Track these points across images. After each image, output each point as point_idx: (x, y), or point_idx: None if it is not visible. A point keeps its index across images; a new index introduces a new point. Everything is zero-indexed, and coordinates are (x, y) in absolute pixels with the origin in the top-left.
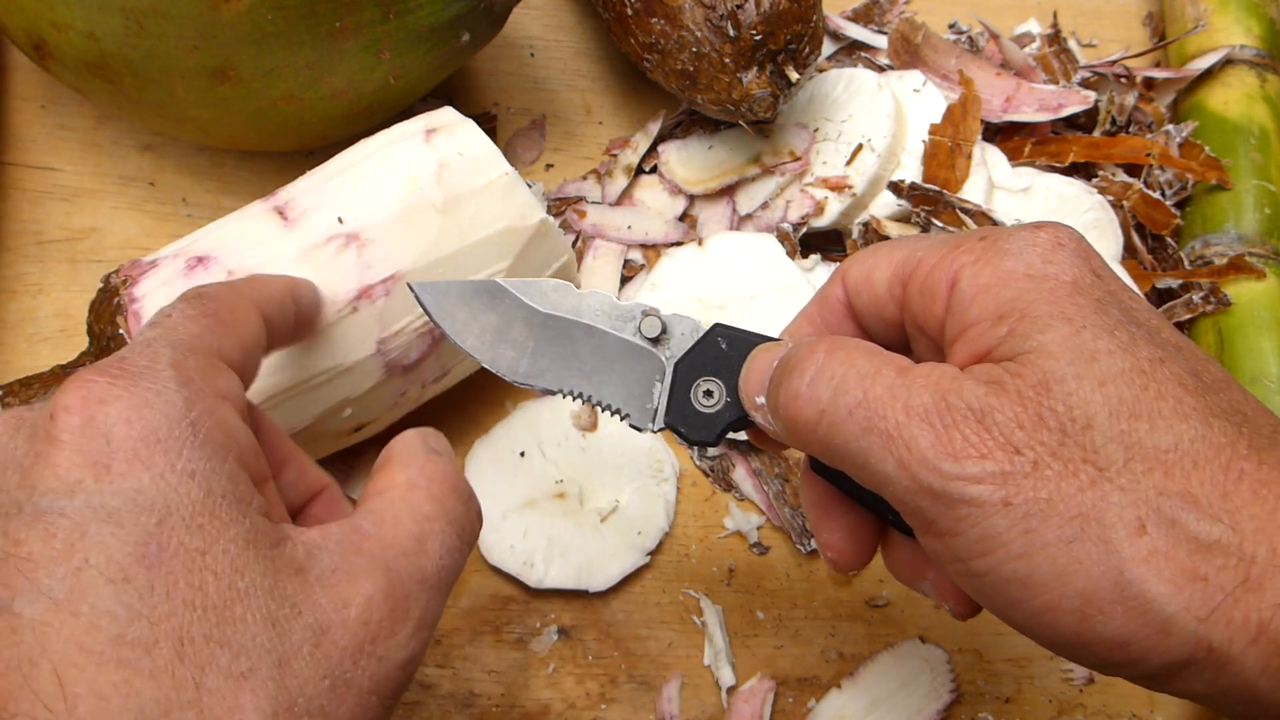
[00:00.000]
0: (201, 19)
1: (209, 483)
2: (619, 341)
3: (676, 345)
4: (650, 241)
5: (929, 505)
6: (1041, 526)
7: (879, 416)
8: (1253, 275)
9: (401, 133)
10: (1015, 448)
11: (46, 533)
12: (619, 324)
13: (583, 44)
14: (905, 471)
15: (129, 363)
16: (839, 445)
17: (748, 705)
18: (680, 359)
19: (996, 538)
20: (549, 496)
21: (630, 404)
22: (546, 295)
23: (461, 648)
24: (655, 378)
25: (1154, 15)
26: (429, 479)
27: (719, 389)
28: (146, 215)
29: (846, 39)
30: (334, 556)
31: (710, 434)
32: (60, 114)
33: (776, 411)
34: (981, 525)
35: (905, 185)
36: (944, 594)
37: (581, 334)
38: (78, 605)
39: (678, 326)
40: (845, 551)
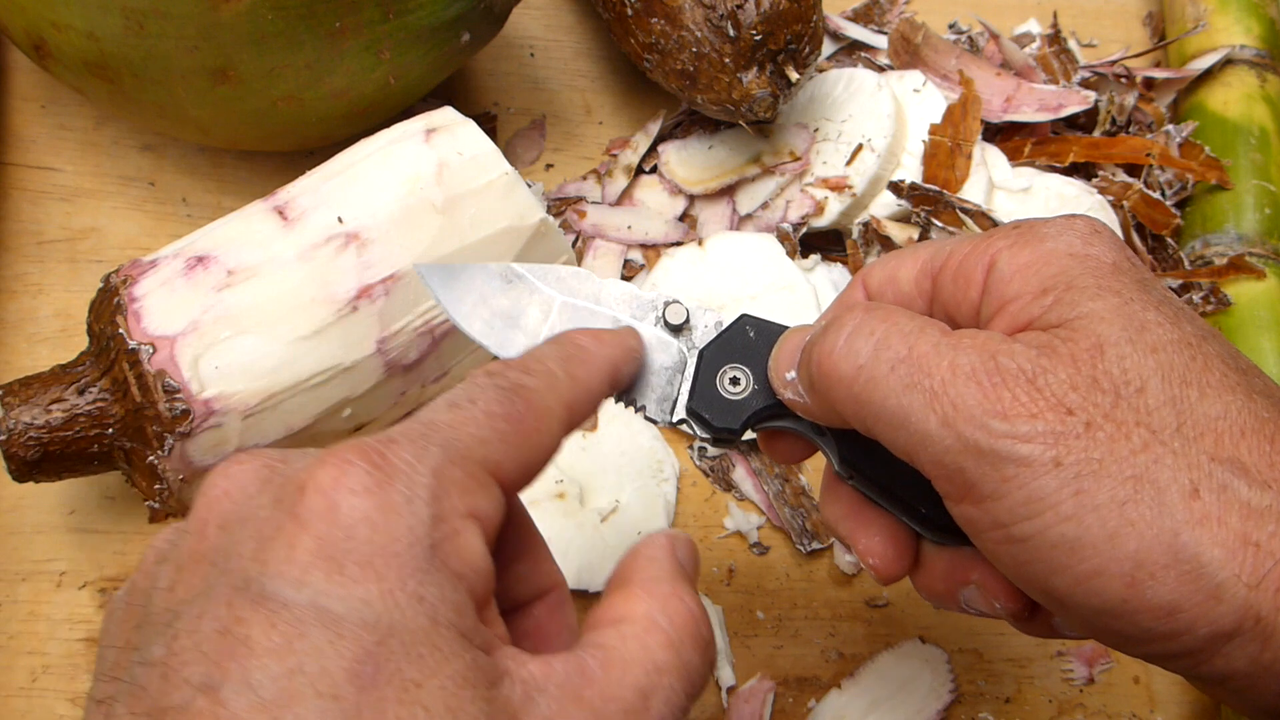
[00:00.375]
0: (201, 19)
1: (436, 610)
2: (639, 330)
3: (699, 336)
4: (650, 241)
5: (973, 466)
6: (1093, 487)
7: (923, 373)
8: (1253, 275)
9: (401, 133)
10: (1067, 408)
11: (268, 621)
12: (639, 313)
13: (583, 44)
14: (949, 429)
15: (393, 454)
16: (877, 403)
17: (748, 705)
18: (707, 346)
19: (1045, 499)
20: (549, 496)
21: (646, 395)
22: (564, 281)
23: None
24: (677, 369)
25: (1154, 15)
26: (670, 618)
27: (746, 376)
28: (146, 215)
29: (846, 39)
30: (552, 703)
31: (735, 420)
32: (60, 114)
33: (810, 374)
34: (1029, 486)
35: (905, 185)
36: (995, 592)
37: (600, 322)
38: (282, 713)
39: (700, 318)
40: (887, 556)
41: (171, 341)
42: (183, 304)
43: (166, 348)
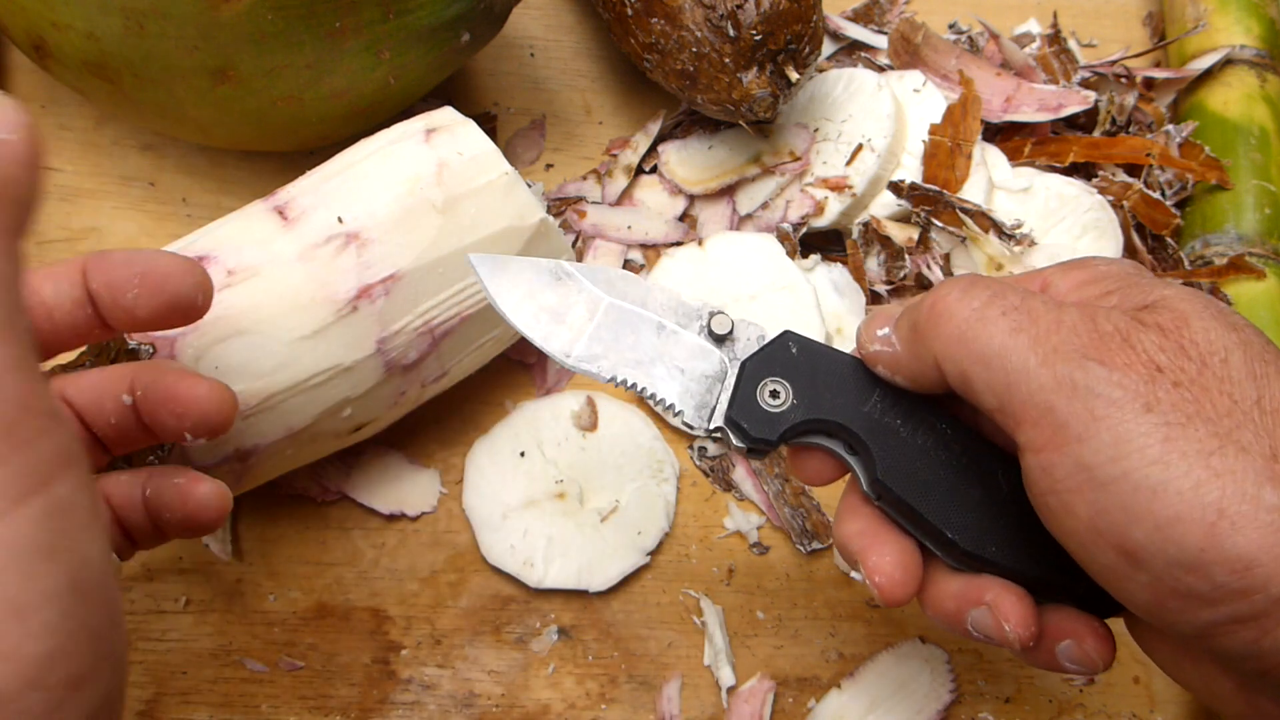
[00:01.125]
0: (201, 19)
1: None
2: (683, 336)
3: (741, 348)
4: (650, 241)
5: (1065, 404)
6: (1180, 436)
7: (1032, 320)
8: (1253, 275)
9: (401, 133)
10: (1158, 366)
11: None
12: (684, 321)
13: (583, 44)
14: (1048, 368)
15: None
16: (983, 340)
17: (748, 705)
18: (749, 358)
19: (1134, 440)
20: (549, 496)
21: (685, 400)
22: (613, 283)
23: (461, 648)
24: (718, 377)
25: (1154, 15)
26: None
27: (786, 390)
28: (146, 215)
29: (846, 39)
30: None
31: (773, 432)
32: (60, 114)
33: (917, 319)
34: (1119, 427)
35: (905, 185)
36: (1007, 613)
37: (644, 325)
38: None
39: (743, 330)
40: (895, 577)
41: (171, 341)
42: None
43: (166, 347)
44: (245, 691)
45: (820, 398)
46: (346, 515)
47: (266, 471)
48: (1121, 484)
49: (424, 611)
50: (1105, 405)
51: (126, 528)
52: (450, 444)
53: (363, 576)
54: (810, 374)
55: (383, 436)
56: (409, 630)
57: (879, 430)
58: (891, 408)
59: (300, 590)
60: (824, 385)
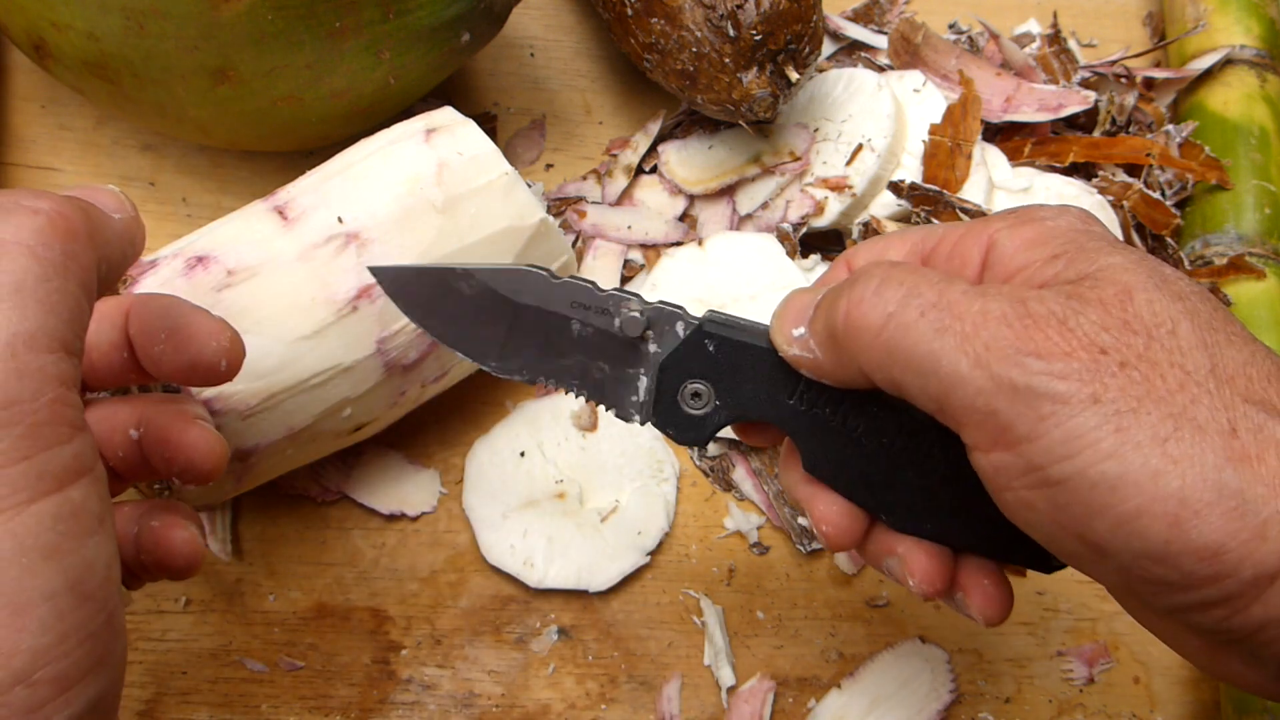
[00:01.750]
0: (201, 19)
1: None
2: (600, 334)
3: (662, 340)
4: (650, 241)
5: (1006, 406)
6: (1133, 424)
7: (954, 317)
8: (1253, 275)
9: (401, 133)
10: (1101, 348)
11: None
12: (600, 316)
13: (583, 44)
14: (982, 370)
15: None
16: (906, 349)
17: (748, 705)
18: (665, 359)
19: (1084, 436)
20: (549, 496)
21: (614, 396)
22: (522, 283)
23: (461, 648)
24: (640, 370)
25: (1154, 15)
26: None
27: (708, 391)
28: (146, 215)
29: (846, 39)
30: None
31: (700, 435)
32: (60, 114)
33: (830, 325)
34: (1067, 424)
35: (905, 185)
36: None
37: (558, 324)
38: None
39: (662, 319)
40: (841, 524)
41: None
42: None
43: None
44: (245, 691)
45: (742, 395)
46: (346, 515)
47: (266, 471)
48: (1077, 481)
49: (424, 611)
50: (1050, 403)
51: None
52: (450, 444)
53: (363, 576)
54: (731, 371)
55: (383, 436)
56: (409, 630)
57: (806, 422)
58: (818, 397)
59: (300, 590)
60: (746, 381)
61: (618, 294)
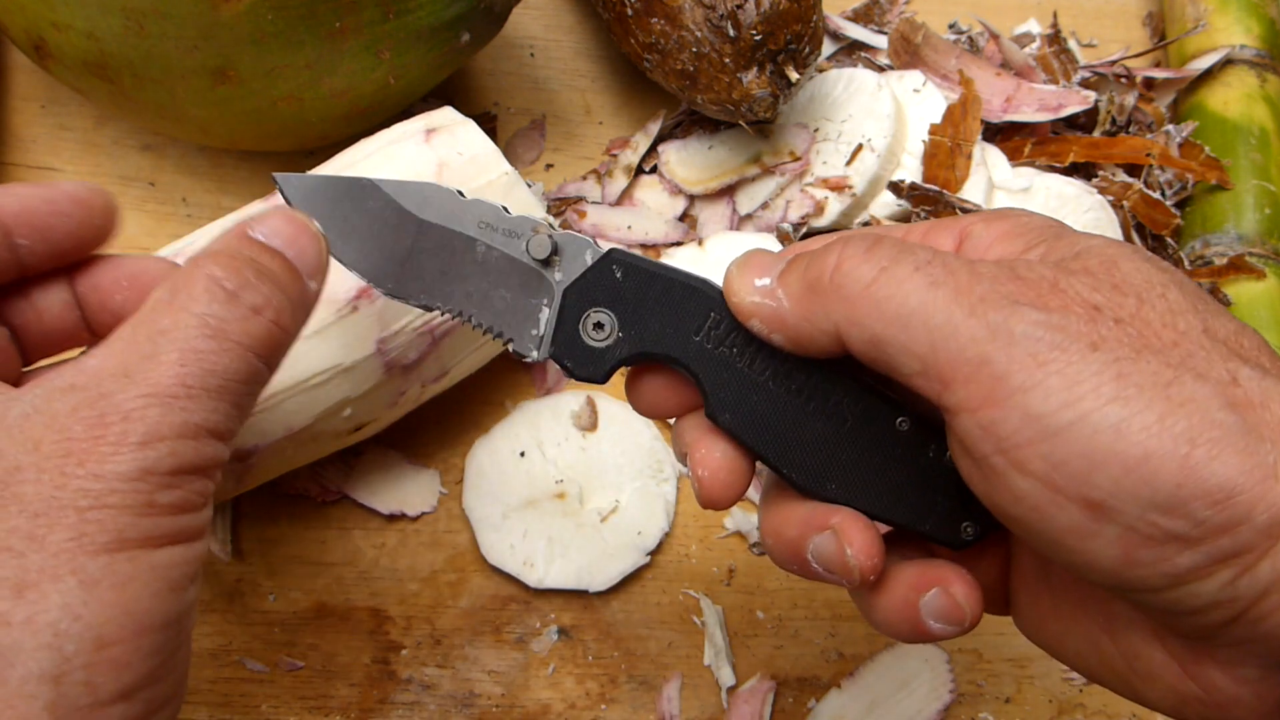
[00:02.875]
0: (201, 19)
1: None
2: (504, 258)
3: (569, 268)
4: (650, 241)
5: (1003, 353)
6: (1134, 370)
7: (949, 273)
8: (1253, 275)
9: (401, 133)
10: (1095, 306)
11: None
12: (506, 239)
13: (583, 44)
14: (978, 318)
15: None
16: (898, 300)
17: (748, 705)
18: (570, 285)
19: (1085, 381)
20: (549, 496)
21: (513, 328)
22: (427, 200)
23: (461, 648)
24: (543, 300)
25: (1154, 15)
26: (176, 290)
27: (611, 322)
28: (146, 215)
29: (846, 39)
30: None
31: (599, 371)
32: (60, 114)
33: (814, 277)
34: (1067, 370)
35: (905, 185)
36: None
37: (462, 245)
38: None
39: (571, 247)
40: (720, 476)
41: None
42: None
43: None
44: (245, 691)
45: (647, 328)
46: (346, 515)
47: (266, 471)
48: (1079, 428)
49: (424, 611)
50: (1048, 348)
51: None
52: (450, 444)
53: (363, 576)
54: (637, 301)
55: (383, 436)
56: (409, 630)
57: (711, 362)
58: (725, 336)
59: (300, 590)
60: (652, 313)
61: (527, 217)
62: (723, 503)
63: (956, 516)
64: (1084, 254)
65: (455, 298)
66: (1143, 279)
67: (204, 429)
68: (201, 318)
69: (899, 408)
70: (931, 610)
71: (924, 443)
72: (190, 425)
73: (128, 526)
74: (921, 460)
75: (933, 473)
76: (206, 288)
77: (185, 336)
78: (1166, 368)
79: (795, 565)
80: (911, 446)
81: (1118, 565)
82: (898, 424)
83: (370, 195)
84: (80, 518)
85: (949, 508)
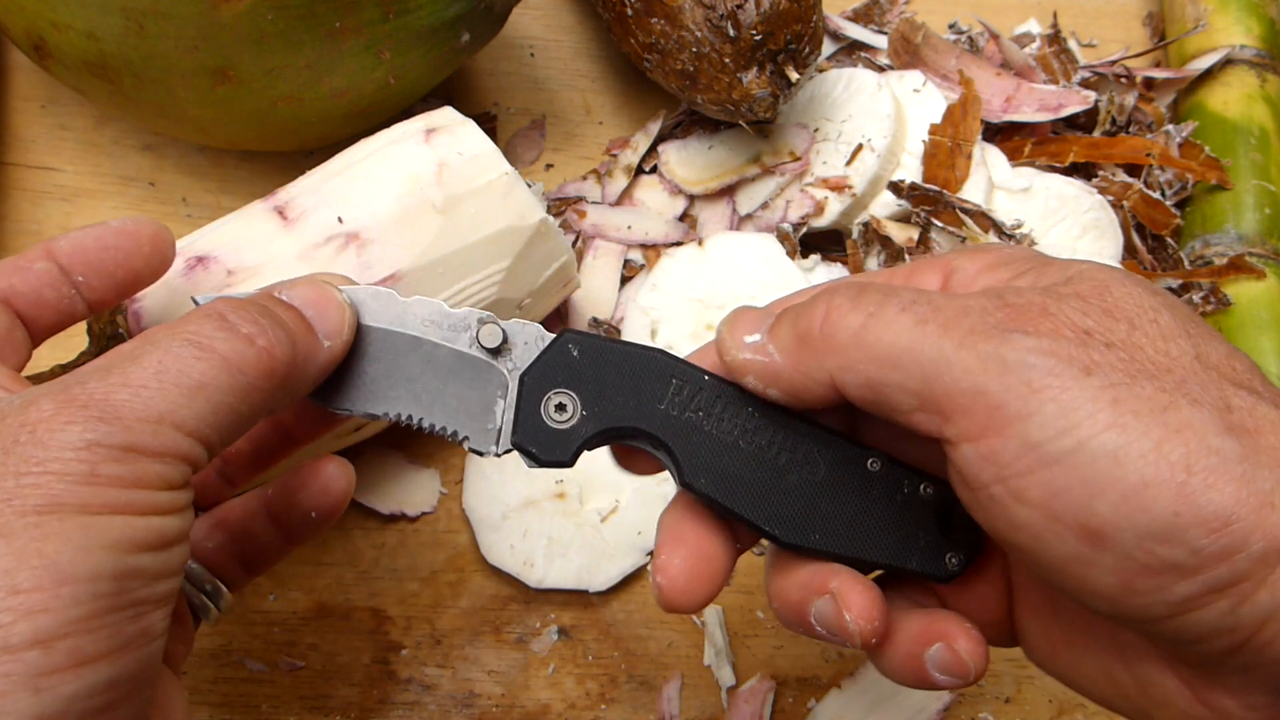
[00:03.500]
0: (201, 19)
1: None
2: (452, 354)
3: (520, 355)
4: (650, 241)
5: (996, 382)
6: (1129, 396)
7: (935, 309)
8: (1253, 275)
9: (401, 133)
10: (1085, 330)
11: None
12: (451, 334)
13: (583, 44)
14: (968, 350)
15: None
16: (887, 342)
17: (748, 705)
18: (527, 370)
19: (1081, 408)
20: (549, 496)
21: (468, 425)
22: (364, 304)
23: (461, 648)
24: (497, 393)
25: (1154, 15)
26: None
27: (573, 402)
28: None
29: (846, 39)
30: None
31: (565, 453)
32: (60, 114)
33: (804, 329)
34: (1062, 396)
35: (905, 185)
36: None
37: (406, 346)
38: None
39: (520, 335)
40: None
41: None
42: (183, 304)
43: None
44: (245, 691)
45: (611, 403)
46: (346, 515)
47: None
48: (1077, 456)
49: (424, 611)
50: (1042, 375)
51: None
52: (450, 444)
53: (363, 576)
54: (597, 377)
55: (383, 436)
56: (409, 630)
57: (679, 428)
58: (690, 400)
59: (300, 590)
60: (614, 387)
61: (471, 311)
62: (686, 607)
63: (939, 549)
64: (1075, 279)
65: (403, 401)
66: (1134, 303)
67: (169, 419)
68: (192, 334)
69: (867, 450)
70: (936, 664)
71: (897, 481)
72: (152, 411)
73: (64, 492)
74: (897, 498)
75: (909, 510)
76: (206, 315)
77: (170, 345)
78: (1161, 393)
79: (801, 628)
80: (886, 486)
81: (1117, 593)
82: (869, 465)
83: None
84: (17, 482)
85: (930, 542)
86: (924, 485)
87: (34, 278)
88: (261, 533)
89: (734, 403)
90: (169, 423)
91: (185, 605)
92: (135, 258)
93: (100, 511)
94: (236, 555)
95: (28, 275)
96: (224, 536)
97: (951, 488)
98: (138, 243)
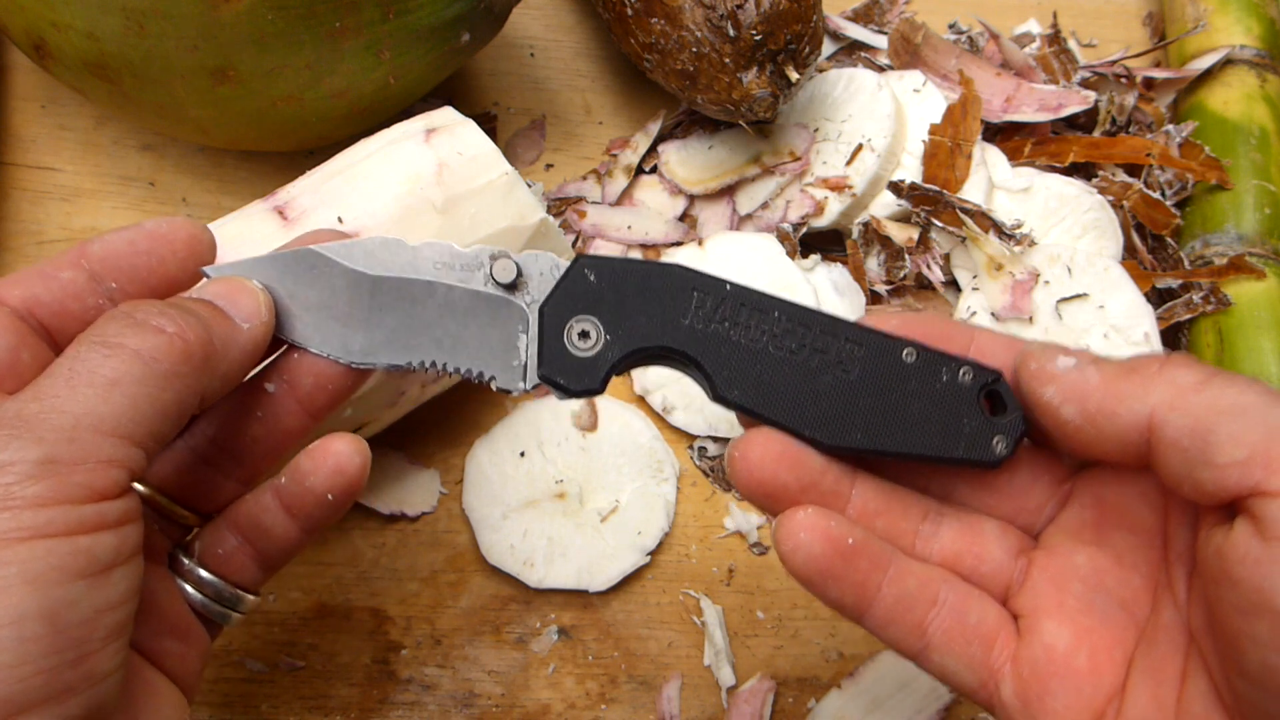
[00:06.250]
0: (201, 19)
1: None
2: (468, 294)
3: (537, 287)
4: (650, 241)
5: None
6: None
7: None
8: (1253, 275)
9: (401, 133)
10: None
11: None
12: (465, 275)
13: (583, 44)
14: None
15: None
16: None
17: (748, 705)
18: (546, 300)
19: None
20: (549, 496)
21: (492, 364)
22: (374, 255)
23: (461, 648)
24: (518, 329)
25: (1154, 15)
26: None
27: (595, 327)
28: (146, 215)
29: (846, 39)
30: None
31: (594, 380)
32: (60, 114)
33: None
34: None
35: (905, 185)
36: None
37: (422, 292)
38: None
39: (534, 266)
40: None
41: None
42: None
43: None
44: (245, 691)
45: (634, 324)
46: (346, 515)
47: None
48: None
49: (424, 611)
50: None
51: (260, 549)
52: (450, 444)
53: (363, 576)
54: (617, 300)
55: (383, 436)
56: (409, 630)
57: (707, 341)
58: (714, 312)
59: (300, 590)
60: (635, 308)
61: (483, 248)
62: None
63: (985, 434)
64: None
65: (425, 349)
66: None
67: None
68: (97, 336)
69: (899, 341)
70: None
71: (935, 369)
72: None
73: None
74: (937, 387)
75: (950, 397)
76: (111, 317)
77: (77, 351)
78: None
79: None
80: (923, 376)
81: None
82: (904, 356)
83: (313, 264)
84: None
85: (975, 427)
86: (963, 370)
87: (59, 287)
88: (275, 526)
89: (759, 308)
90: (86, 426)
91: (195, 622)
92: (169, 263)
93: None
94: (253, 555)
95: (52, 284)
96: (237, 538)
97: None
98: (172, 246)
